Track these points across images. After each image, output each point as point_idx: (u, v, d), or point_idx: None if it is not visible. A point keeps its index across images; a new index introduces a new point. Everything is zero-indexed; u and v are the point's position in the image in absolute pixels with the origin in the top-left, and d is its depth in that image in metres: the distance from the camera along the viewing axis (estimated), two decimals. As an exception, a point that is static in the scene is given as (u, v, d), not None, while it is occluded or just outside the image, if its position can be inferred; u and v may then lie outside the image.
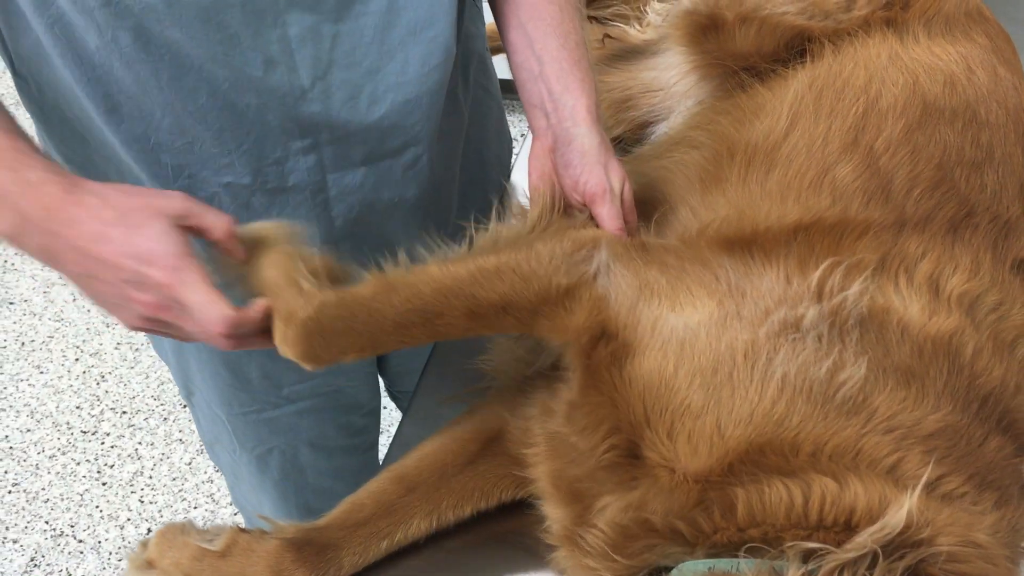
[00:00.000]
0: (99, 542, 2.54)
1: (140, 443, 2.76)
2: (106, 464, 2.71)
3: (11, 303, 3.14)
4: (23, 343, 3.03)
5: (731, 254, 1.03)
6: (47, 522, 2.58)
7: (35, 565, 2.49)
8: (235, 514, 2.56)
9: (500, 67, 1.44)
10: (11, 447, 2.75)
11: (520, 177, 1.50)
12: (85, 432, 2.79)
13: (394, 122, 1.15)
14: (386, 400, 2.72)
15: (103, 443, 2.76)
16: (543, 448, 1.03)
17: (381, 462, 1.18)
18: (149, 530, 2.55)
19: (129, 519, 2.59)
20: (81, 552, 2.52)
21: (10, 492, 2.65)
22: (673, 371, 0.91)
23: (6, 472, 2.69)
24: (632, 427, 0.91)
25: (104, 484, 2.66)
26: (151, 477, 2.68)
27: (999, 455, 0.92)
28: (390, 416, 2.76)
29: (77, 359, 2.99)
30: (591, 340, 0.96)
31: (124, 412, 2.84)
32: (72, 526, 2.57)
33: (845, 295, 0.95)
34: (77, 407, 2.86)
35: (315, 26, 1.05)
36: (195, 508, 2.61)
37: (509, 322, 0.99)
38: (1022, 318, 1.03)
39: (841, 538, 0.81)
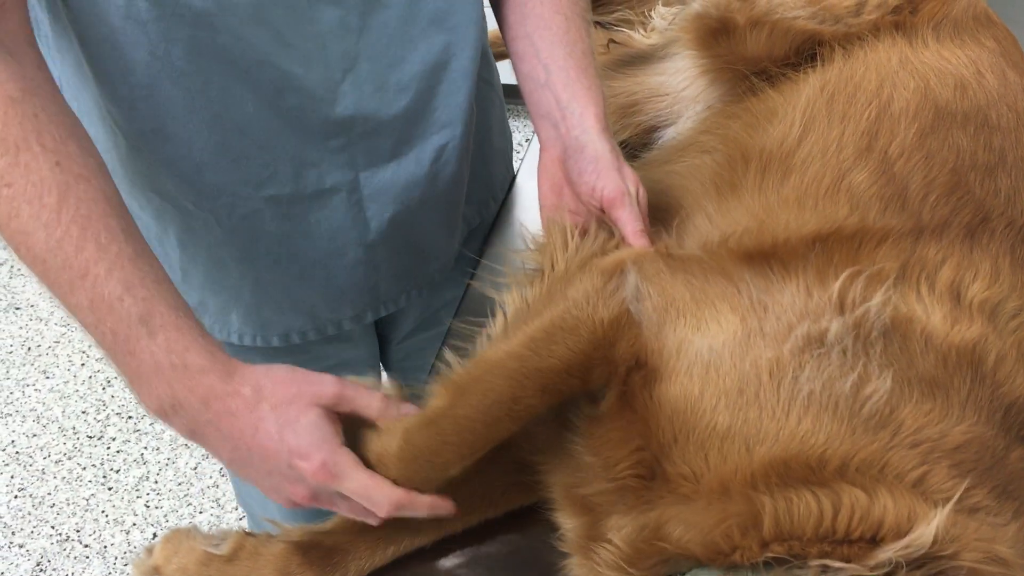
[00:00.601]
0: (105, 547, 2.54)
1: (146, 448, 2.76)
2: (112, 469, 2.71)
3: (17, 308, 3.15)
4: (29, 348, 3.04)
5: (751, 267, 1.02)
6: (53, 527, 2.58)
7: (41, 570, 2.49)
8: (241, 518, 2.55)
9: (504, 72, 1.44)
10: (17, 452, 2.75)
11: (526, 181, 1.51)
12: (91, 437, 2.79)
13: (421, 111, 1.17)
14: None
15: (109, 448, 2.77)
16: (554, 459, 1.02)
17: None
18: (155, 535, 2.55)
19: (135, 524, 2.59)
20: (87, 557, 2.52)
21: (16, 497, 2.65)
22: (699, 394, 0.90)
23: (12, 477, 2.70)
24: (660, 446, 0.90)
25: (110, 489, 2.67)
26: (157, 482, 2.68)
27: (1021, 465, 0.91)
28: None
29: (83, 364, 2.99)
30: (628, 370, 0.94)
31: (130, 417, 2.84)
32: (78, 531, 2.57)
33: (868, 306, 0.94)
34: (83, 412, 2.86)
35: (342, 19, 1.07)
36: (201, 513, 2.61)
37: (575, 383, 0.96)
38: None
39: (866, 553, 0.80)
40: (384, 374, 1.73)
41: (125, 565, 2.49)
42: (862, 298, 0.95)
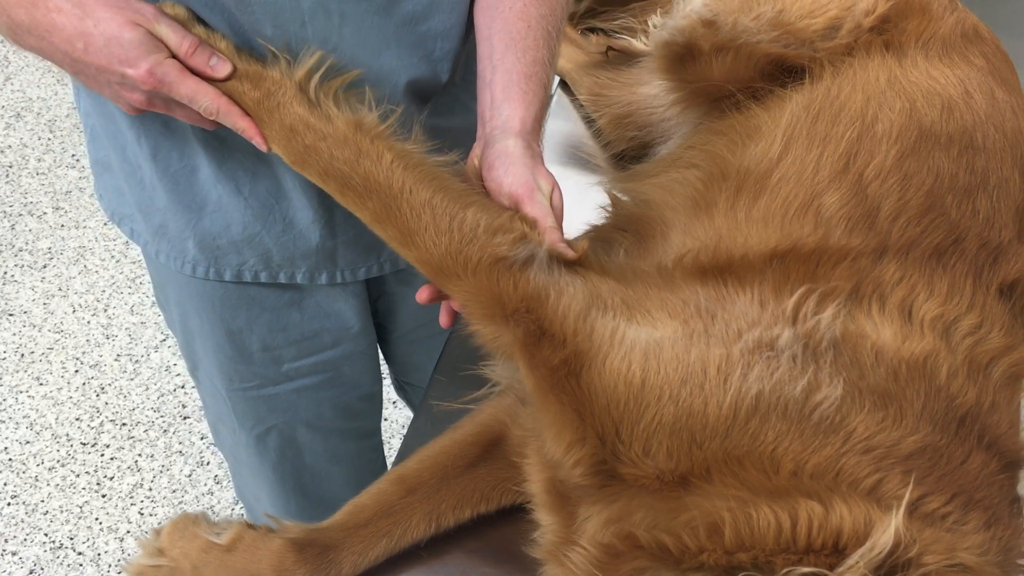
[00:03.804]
0: (99, 554, 2.54)
1: (140, 455, 2.77)
2: (106, 476, 2.72)
3: (11, 314, 3.15)
4: (23, 355, 3.04)
5: (704, 282, 1.03)
6: (46, 534, 2.59)
7: (33, 576, 2.50)
8: (233, 528, 2.56)
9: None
10: (10, 459, 2.76)
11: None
12: (85, 444, 2.80)
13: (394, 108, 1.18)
14: (393, 410, 2.74)
15: (103, 455, 2.77)
16: (536, 458, 1.03)
17: (390, 467, 1.20)
18: (147, 542, 2.54)
19: (129, 531, 2.59)
20: (80, 564, 2.52)
21: (9, 504, 2.65)
22: (640, 383, 0.90)
23: (5, 484, 2.70)
24: (602, 442, 0.91)
25: (104, 496, 2.67)
26: (151, 489, 2.69)
27: (984, 472, 0.92)
28: (392, 427, 2.77)
29: (77, 371, 2.99)
30: (529, 336, 0.95)
31: (124, 424, 2.85)
32: (71, 538, 2.58)
33: (819, 318, 0.96)
34: (77, 419, 2.86)
35: (323, 2, 1.09)
36: (193, 521, 2.60)
37: (408, 254, 1.02)
38: (1000, 341, 1.03)
39: (831, 561, 0.81)
40: (389, 372, 1.76)
41: (119, 573, 2.49)
42: (814, 312, 0.97)
